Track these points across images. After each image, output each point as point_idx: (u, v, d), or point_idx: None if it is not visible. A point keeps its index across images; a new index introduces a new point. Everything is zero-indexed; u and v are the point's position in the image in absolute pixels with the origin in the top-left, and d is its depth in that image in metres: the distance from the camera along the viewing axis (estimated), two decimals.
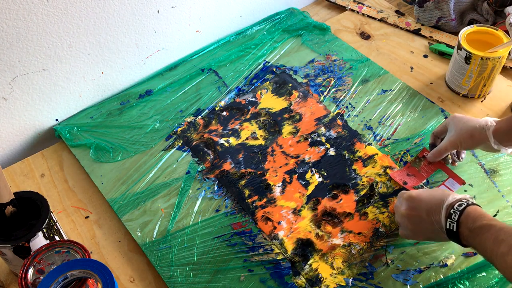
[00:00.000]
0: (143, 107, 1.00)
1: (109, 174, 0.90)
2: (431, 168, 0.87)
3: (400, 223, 0.75)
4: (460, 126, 0.81)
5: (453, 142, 0.82)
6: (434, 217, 0.69)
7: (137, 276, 0.78)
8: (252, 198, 0.85)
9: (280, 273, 0.76)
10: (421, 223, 0.71)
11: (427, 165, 0.87)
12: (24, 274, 0.64)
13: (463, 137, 0.80)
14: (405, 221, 0.73)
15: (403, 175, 0.86)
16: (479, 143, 0.80)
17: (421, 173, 0.86)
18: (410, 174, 0.86)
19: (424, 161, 0.87)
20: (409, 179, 0.85)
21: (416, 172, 0.86)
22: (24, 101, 0.92)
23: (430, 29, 1.14)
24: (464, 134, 0.80)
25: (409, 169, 0.87)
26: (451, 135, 0.82)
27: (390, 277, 0.75)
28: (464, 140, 0.80)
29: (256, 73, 1.06)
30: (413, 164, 0.87)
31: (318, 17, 1.22)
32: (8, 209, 0.72)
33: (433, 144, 0.88)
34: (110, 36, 0.95)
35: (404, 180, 0.85)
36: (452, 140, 0.82)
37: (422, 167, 0.87)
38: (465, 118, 0.82)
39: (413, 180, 0.85)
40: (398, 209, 0.74)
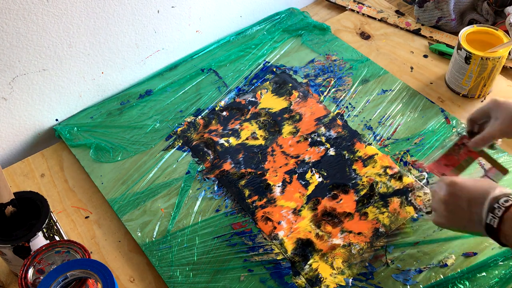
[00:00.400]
0: (143, 107, 1.00)
1: (109, 174, 0.90)
2: (472, 156, 0.81)
3: (436, 209, 0.70)
4: (507, 111, 0.74)
5: (503, 130, 0.74)
6: (475, 208, 0.64)
7: (137, 276, 0.78)
8: (252, 198, 0.85)
9: (280, 273, 0.76)
10: (459, 212, 0.66)
11: (467, 153, 0.81)
12: (24, 274, 0.64)
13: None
14: (441, 207, 0.68)
15: (440, 166, 0.80)
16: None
17: (461, 163, 0.80)
18: (448, 164, 0.80)
19: (463, 149, 0.81)
20: (448, 170, 0.80)
21: (456, 161, 0.80)
22: (24, 101, 0.92)
23: (430, 29, 1.14)
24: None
25: (447, 158, 0.81)
26: (500, 122, 0.74)
27: (390, 277, 0.75)
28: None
29: (256, 73, 1.06)
30: (451, 152, 0.81)
31: (318, 17, 1.22)
32: (8, 209, 0.72)
33: (471, 131, 0.81)
34: (110, 36, 0.95)
35: (442, 172, 0.80)
36: (502, 128, 0.74)
37: (461, 155, 0.80)
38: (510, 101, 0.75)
39: (452, 173, 0.80)
40: (436, 194, 0.69)
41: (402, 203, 0.83)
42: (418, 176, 0.87)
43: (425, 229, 0.80)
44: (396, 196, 0.84)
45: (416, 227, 0.81)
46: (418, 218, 0.82)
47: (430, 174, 0.87)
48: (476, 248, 0.77)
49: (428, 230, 0.80)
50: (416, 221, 0.81)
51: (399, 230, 0.80)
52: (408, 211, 0.82)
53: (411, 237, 0.79)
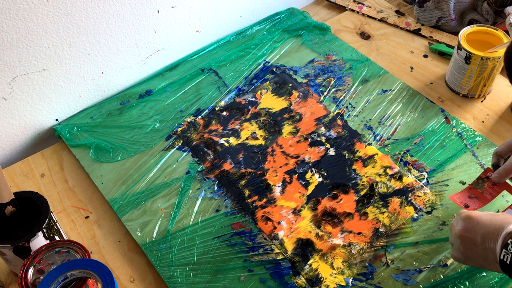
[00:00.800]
0: (143, 107, 1.00)
1: (109, 174, 0.90)
2: (496, 190, 0.79)
3: (453, 243, 0.69)
4: None
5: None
6: (489, 244, 0.62)
7: (137, 276, 0.78)
8: (252, 198, 0.85)
9: (280, 273, 0.76)
10: (474, 248, 0.64)
11: (491, 187, 0.79)
12: (24, 274, 0.64)
13: None
14: (457, 242, 0.67)
15: (464, 198, 0.78)
16: None
17: (485, 195, 0.78)
18: (472, 196, 0.78)
19: (488, 182, 0.79)
20: (471, 202, 0.78)
21: (479, 194, 0.78)
22: (24, 101, 0.92)
23: (430, 29, 1.14)
24: None
25: (470, 191, 0.79)
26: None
27: (390, 277, 0.75)
28: None
29: (256, 73, 1.06)
30: (475, 185, 0.80)
31: (318, 17, 1.22)
32: (8, 209, 0.72)
33: (497, 164, 0.80)
34: (110, 36, 0.95)
35: (465, 203, 0.78)
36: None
37: (486, 189, 0.79)
38: None
39: (476, 203, 0.78)
40: (453, 228, 0.68)
41: (402, 203, 0.83)
42: (418, 176, 0.87)
43: (425, 229, 0.80)
44: (396, 196, 0.84)
45: (416, 227, 0.81)
46: (418, 218, 0.82)
47: (430, 174, 0.87)
48: None
49: (428, 230, 0.80)
50: (416, 221, 0.81)
51: (399, 230, 0.80)
52: (408, 211, 0.82)
53: (411, 237, 0.79)
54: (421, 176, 0.87)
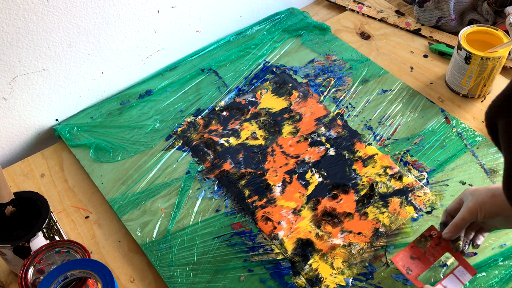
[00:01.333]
0: (143, 107, 1.00)
1: (109, 174, 0.90)
2: (439, 251, 0.74)
3: None
4: (479, 191, 0.70)
5: (472, 208, 0.70)
6: None
7: (137, 276, 0.78)
8: (252, 198, 0.85)
9: (280, 273, 0.76)
10: None
11: (434, 247, 0.75)
12: (24, 274, 0.64)
13: (484, 200, 0.69)
14: None
15: (406, 260, 0.74)
16: (502, 206, 0.67)
17: (427, 256, 0.74)
18: (414, 257, 0.74)
19: (430, 241, 0.75)
20: (414, 265, 0.73)
21: (421, 254, 0.74)
22: (24, 101, 0.92)
23: (430, 29, 1.14)
24: (484, 196, 0.69)
25: (413, 249, 0.75)
26: (468, 202, 0.70)
27: (390, 277, 0.75)
28: (484, 203, 0.69)
29: (256, 73, 1.06)
30: (417, 244, 0.75)
31: (318, 17, 1.22)
32: (8, 209, 0.72)
33: (445, 223, 0.76)
34: (110, 36, 0.95)
35: (407, 266, 0.73)
36: (470, 207, 0.70)
37: (428, 249, 0.74)
38: (483, 186, 0.71)
39: (418, 267, 0.73)
40: None
41: (402, 203, 0.83)
42: (418, 176, 0.87)
43: (425, 229, 0.80)
44: (396, 196, 0.84)
45: (416, 227, 0.81)
46: (418, 218, 0.82)
47: (430, 174, 0.87)
48: (476, 248, 0.77)
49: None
50: (416, 221, 0.81)
51: (399, 230, 0.80)
52: (408, 211, 0.82)
53: (411, 237, 0.79)
54: (421, 176, 0.87)
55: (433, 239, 0.75)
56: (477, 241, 0.75)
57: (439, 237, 0.75)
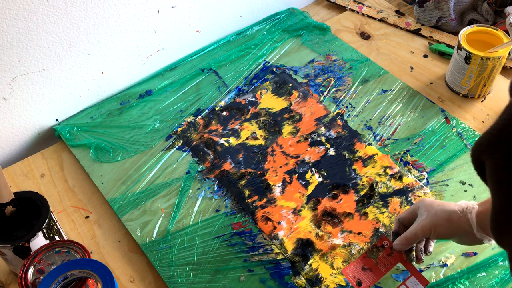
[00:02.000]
0: (143, 107, 1.00)
1: (109, 174, 0.90)
2: (391, 261, 0.73)
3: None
4: (435, 209, 0.69)
5: (425, 226, 0.69)
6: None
7: (137, 276, 0.78)
8: (252, 198, 0.85)
9: (280, 273, 0.76)
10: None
11: (386, 257, 0.74)
12: (24, 274, 0.64)
13: (438, 222, 0.68)
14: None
15: (357, 271, 0.73)
16: (457, 230, 0.68)
17: (379, 267, 0.73)
18: (366, 267, 0.73)
19: (383, 252, 0.74)
20: (365, 276, 0.72)
21: (373, 265, 0.73)
22: (24, 101, 0.92)
23: (430, 29, 1.14)
24: (440, 218, 0.68)
25: (364, 260, 0.74)
26: (423, 219, 0.70)
27: (390, 277, 0.75)
28: (438, 225, 0.68)
29: (256, 73, 1.06)
30: (369, 255, 0.74)
31: (318, 17, 1.22)
32: (8, 209, 0.72)
33: (397, 233, 0.75)
34: (110, 36, 0.95)
35: (358, 278, 0.72)
36: (424, 224, 0.69)
37: (380, 259, 0.73)
38: (438, 201, 0.70)
39: (370, 277, 0.73)
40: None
41: (402, 203, 0.83)
42: (418, 176, 0.87)
43: None
44: (396, 196, 0.84)
45: None
46: None
47: (430, 174, 0.87)
48: (476, 248, 0.77)
49: None
50: None
51: None
52: None
53: None
54: (421, 176, 0.87)
55: (385, 250, 0.74)
56: (429, 248, 0.73)
57: (391, 247, 0.74)
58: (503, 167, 0.40)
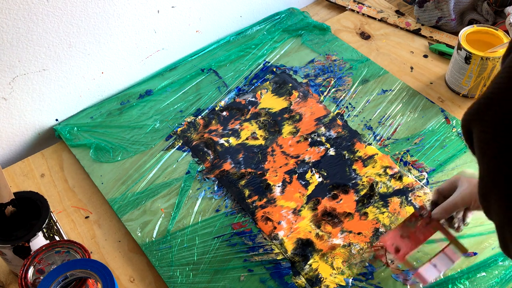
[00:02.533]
0: (143, 107, 1.00)
1: (109, 174, 0.90)
2: (429, 230, 0.74)
3: None
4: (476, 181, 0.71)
5: (466, 197, 0.69)
6: None
7: (137, 276, 0.78)
8: (252, 198, 0.85)
9: (280, 273, 0.76)
10: None
11: (425, 226, 0.74)
12: (24, 274, 0.64)
13: None
14: None
15: (396, 238, 0.74)
16: None
17: (417, 235, 0.73)
18: (404, 235, 0.74)
19: (421, 221, 0.74)
20: (403, 244, 0.73)
21: (412, 233, 0.74)
22: (24, 101, 0.92)
23: (430, 29, 1.14)
24: None
25: (403, 229, 0.75)
26: (463, 189, 0.70)
27: (390, 277, 0.75)
28: None
29: (256, 73, 1.06)
30: (407, 223, 0.75)
31: (318, 17, 1.22)
32: (8, 209, 0.72)
33: (435, 203, 0.75)
34: (110, 36, 0.95)
35: (396, 245, 0.73)
36: (464, 195, 0.69)
37: (418, 228, 0.74)
38: None
39: (408, 245, 0.73)
40: None
41: (402, 203, 0.83)
42: (418, 176, 0.87)
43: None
44: (396, 196, 0.84)
45: None
46: None
47: (430, 174, 0.87)
48: (476, 248, 0.77)
49: None
50: None
51: None
52: (408, 211, 0.82)
53: None
54: (421, 176, 0.87)
55: (424, 219, 0.74)
56: (467, 219, 0.74)
57: (429, 217, 0.74)
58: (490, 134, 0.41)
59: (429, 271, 0.71)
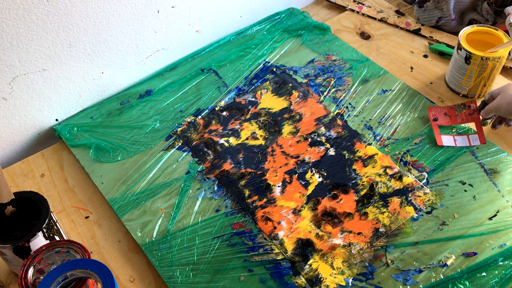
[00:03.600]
0: (143, 107, 1.00)
1: (109, 174, 0.90)
2: (468, 119, 0.92)
3: None
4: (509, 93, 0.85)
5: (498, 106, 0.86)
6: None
7: (137, 276, 0.78)
8: (252, 198, 0.85)
9: (280, 273, 0.76)
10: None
11: (466, 115, 0.92)
12: (24, 274, 0.64)
13: None
14: None
15: (439, 113, 0.93)
16: None
17: (457, 118, 0.92)
18: (447, 114, 0.92)
19: (467, 110, 0.92)
20: (442, 118, 0.92)
21: (454, 115, 0.92)
22: (24, 101, 0.92)
23: (430, 29, 1.14)
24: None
25: (449, 109, 0.93)
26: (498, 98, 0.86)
27: (390, 277, 0.75)
28: None
29: (256, 73, 1.06)
30: (456, 108, 0.93)
31: (318, 17, 1.22)
32: (8, 209, 0.72)
33: (485, 103, 0.91)
34: (110, 36, 0.95)
35: (436, 116, 0.92)
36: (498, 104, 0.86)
37: (462, 114, 0.92)
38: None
39: (446, 120, 0.92)
40: None
41: (402, 203, 0.83)
42: (418, 176, 0.87)
43: (425, 229, 0.80)
44: (396, 196, 0.84)
45: (416, 227, 0.81)
46: (418, 218, 0.82)
47: (430, 174, 0.87)
48: (476, 248, 0.78)
49: (428, 230, 0.80)
50: (416, 221, 0.81)
51: (399, 230, 0.80)
52: (408, 211, 0.82)
53: (411, 237, 0.79)
54: (421, 176, 0.87)
55: (469, 109, 0.92)
56: (510, 122, 0.89)
57: (474, 110, 0.92)
58: None
59: (448, 139, 0.90)
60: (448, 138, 0.90)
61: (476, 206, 0.83)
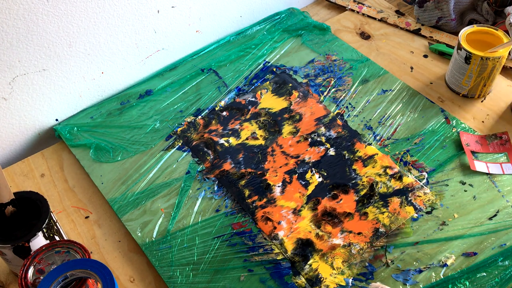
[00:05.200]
0: (143, 107, 1.00)
1: (109, 174, 0.90)
2: (500, 149, 0.90)
3: None
4: None
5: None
6: None
7: (137, 276, 0.78)
8: (252, 198, 0.85)
9: (280, 273, 0.76)
10: None
11: (499, 145, 0.91)
12: (24, 274, 0.64)
13: None
14: None
15: (471, 140, 0.91)
16: None
17: (489, 147, 0.90)
18: (479, 142, 0.91)
19: (498, 141, 0.91)
20: (474, 145, 0.90)
21: (485, 143, 0.91)
22: (24, 101, 0.92)
23: (430, 29, 1.14)
24: None
25: (481, 138, 0.92)
26: None
27: (390, 277, 0.75)
28: None
29: (256, 73, 1.06)
30: (487, 137, 0.92)
31: (318, 17, 1.22)
32: (8, 209, 0.72)
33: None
34: (110, 36, 0.95)
35: (468, 142, 0.90)
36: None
37: (493, 144, 0.91)
38: None
39: (477, 147, 0.90)
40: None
41: (402, 203, 0.83)
42: (418, 176, 0.87)
43: (425, 229, 0.80)
44: (396, 196, 0.84)
45: (416, 227, 0.81)
46: (418, 218, 0.82)
47: (430, 174, 0.87)
48: (476, 248, 0.78)
49: (428, 230, 0.80)
50: (416, 221, 0.81)
51: (399, 230, 0.80)
52: (408, 211, 0.82)
53: (411, 237, 0.79)
54: (421, 176, 0.87)
55: (501, 140, 0.91)
56: None
57: (507, 141, 0.91)
58: None
59: (481, 166, 0.87)
60: (481, 164, 0.87)
61: (476, 206, 0.83)
